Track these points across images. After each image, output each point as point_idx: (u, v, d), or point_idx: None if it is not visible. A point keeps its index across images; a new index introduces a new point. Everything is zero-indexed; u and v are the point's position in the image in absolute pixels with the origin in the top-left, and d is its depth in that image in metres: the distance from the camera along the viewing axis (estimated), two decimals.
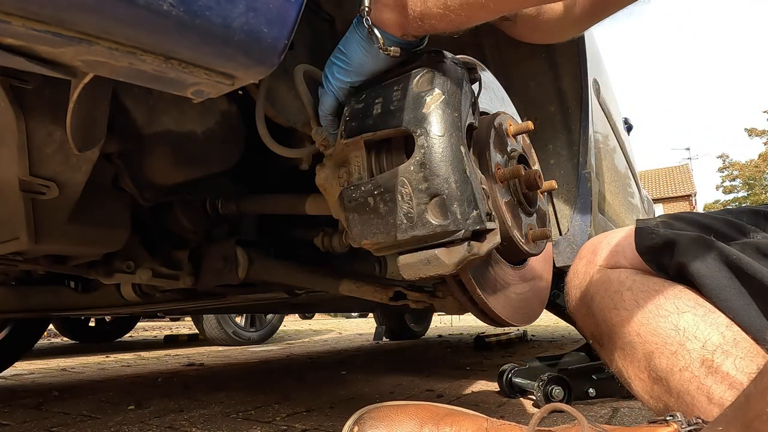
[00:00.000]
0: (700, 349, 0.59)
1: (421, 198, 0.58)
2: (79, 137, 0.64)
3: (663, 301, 0.64)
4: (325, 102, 0.67)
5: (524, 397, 1.50)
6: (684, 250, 0.64)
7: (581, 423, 0.51)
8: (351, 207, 0.63)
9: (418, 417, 0.59)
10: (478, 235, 0.60)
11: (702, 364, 0.58)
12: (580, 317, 0.77)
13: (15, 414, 1.37)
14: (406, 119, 0.59)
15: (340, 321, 10.09)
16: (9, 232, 0.79)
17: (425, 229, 0.58)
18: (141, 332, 6.03)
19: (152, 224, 1.05)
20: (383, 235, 0.61)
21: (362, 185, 0.62)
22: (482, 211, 0.59)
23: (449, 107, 0.59)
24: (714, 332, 0.59)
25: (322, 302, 2.09)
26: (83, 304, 1.32)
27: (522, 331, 3.50)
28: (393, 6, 0.58)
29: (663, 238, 0.66)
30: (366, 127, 0.62)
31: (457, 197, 0.57)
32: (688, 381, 0.58)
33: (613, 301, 0.69)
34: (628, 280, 0.69)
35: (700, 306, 0.62)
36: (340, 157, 0.66)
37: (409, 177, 0.58)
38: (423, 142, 0.58)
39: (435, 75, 0.60)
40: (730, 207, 0.82)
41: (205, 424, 1.22)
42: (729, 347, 0.58)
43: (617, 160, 1.83)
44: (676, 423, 0.51)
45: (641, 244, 0.69)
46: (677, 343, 0.60)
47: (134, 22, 0.36)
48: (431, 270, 0.61)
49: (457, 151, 0.58)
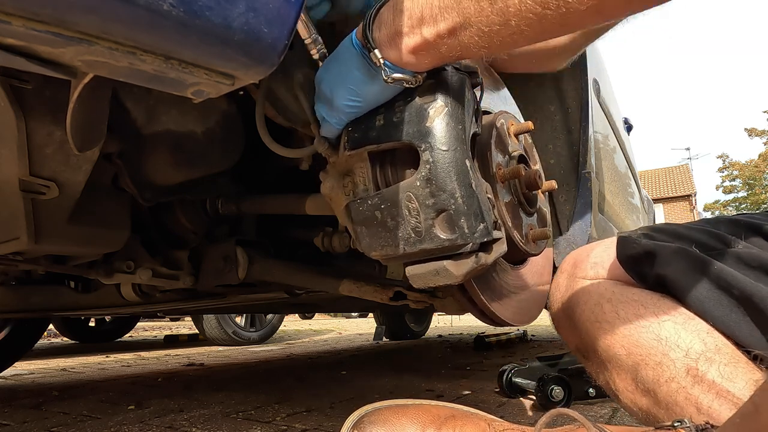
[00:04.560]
0: (684, 357, 0.59)
1: (429, 213, 0.58)
2: (79, 137, 0.64)
3: (643, 311, 0.64)
4: (329, 131, 0.65)
5: (524, 397, 1.50)
6: (665, 261, 0.64)
7: (586, 427, 0.51)
8: (358, 220, 0.64)
9: (419, 420, 0.59)
10: (485, 246, 0.61)
11: (687, 373, 0.58)
12: (563, 331, 0.78)
13: (15, 414, 1.37)
14: (409, 132, 0.59)
15: (340, 321, 10.08)
16: (9, 232, 0.79)
17: (433, 243, 0.59)
18: (141, 332, 6.03)
19: (152, 224, 1.05)
20: (392, 248, 0.62)
21: (369, 199, 0.62)
22: (489, 223, 0.59)
23: (453, 119, 0.58)
24: (695, 339, 0.59)
25: (322, 302, 2.08)
26: (83, 304, 1.32)
27: (522, 331, 3.50)
28: (418, 49, 0.54)
29: (644, 248, 0.66)
30: (369, 139, 0.61)
31: (464, 212, 0.57)
32: (675, 392, 0.58)
33: (594, 314, 0.69)
34: (608, 291, 0.69)
35: (680, 314, 0.62)
36: (344, 167, 0.66)
37: (415, 192, 0.58)
38: (428, 157, 0.57)
39: (437, 84, 0.60)
40: (731, 207, 0.82)
41: (205, 424, 1.22)
42: (712, 354, 0.58)
43: (617, 160, 1.83)
44: (684, 429, 0.50)
45: (622, 253, 0.69)
46: (660, 353, 0.60)
47: (134, 22, 0.36)
48: (440, 280, 0.61)
49: (463, 164, 0.58)
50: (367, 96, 0.59)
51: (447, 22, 0.50)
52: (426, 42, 0.52)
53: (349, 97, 0.59)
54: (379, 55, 0.55)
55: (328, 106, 0.62)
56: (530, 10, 0.45)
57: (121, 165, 0.83)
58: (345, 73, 0.59)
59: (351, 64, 0.58)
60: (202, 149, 0.85)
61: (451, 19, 0.50)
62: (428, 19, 0.51)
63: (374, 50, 0.55)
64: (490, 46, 0.50)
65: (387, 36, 0.54)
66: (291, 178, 0.99)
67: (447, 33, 0.51)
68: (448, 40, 0.51)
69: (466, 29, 0.50)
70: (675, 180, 27.73)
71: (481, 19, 0.48)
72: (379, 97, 0.60)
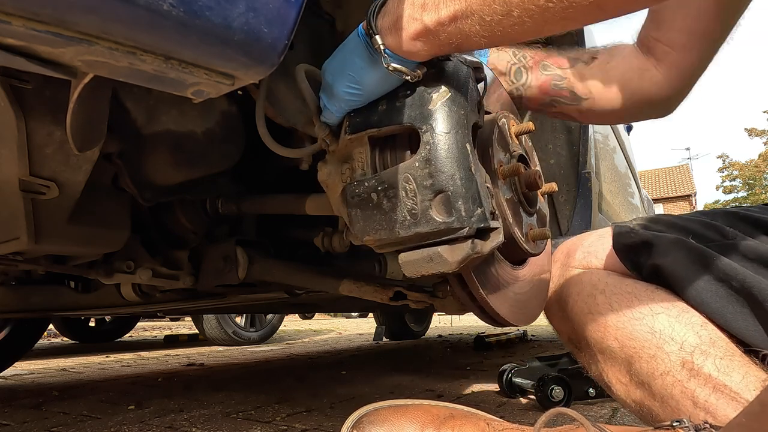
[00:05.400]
0: (678, 351, 0.58)
1: (426, 194, 0.58)
2: (79, 137, 0.63)
3: (636, 303, 0.64)
4: (330, 118, 0.65)
5: (524, 397, 1.50)
6: (662, 252, 0.64)
7: (585, 426, 0.51)
8: (354, 203, 0.63)
9: (418, 420, 0.59)
10: (481, 234, 0.60)
11: (683, 366, 0.58)
12: (556, 321, 0.77)
13: (15, 414, 1.37)
14: (411, 116, 0.59)
15: (340, 321, 10.08)
16: (9, 232, 0.79)
17: (429, 226, 0.58)
18: (141, 332, 6.03)
19: (152, 224, 1.05)
20: (386, 231, 0.61)
21: (366, 181, 0.62)
22: (486, 209, 0.58)
23: (455, 105, 0.59)
24: (690, 332, 0.59)
25: (322, 302, 2.09)
26: (83, 304, 1.32)
27: (522, 331, 3.50)
28: (418, 35, 0.53)
29: (641, 238, 0.66)
30: (370, 123, 0.62)
31: (461, 194, 0.57)
32: (671, 385, 0.58)
33: (587, 305, 0.69)
34: (601, 282, 0.69)
35: (674, 306, 0.62)
36: (344, 153, 0.66)
37: (413, 173, 0.58)
38: (428, 138, 0.57)
39: (441, 73, 0.60)
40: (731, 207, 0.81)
41: (205, 424, 1.22)
42: (707, 347, 0.58)
43: (617, 160, 1.83)
44: (682, 429, 0.50)
45: (619, 242, 0.69)
46: (655, 346, 0.60)
47: (134, 22, 0.36)
48: (434, 267, 0.60)
49: (463, 148, 0.58)
50: (367, 84, 0.59)
51: (449, 9, 0.50)
52: (426, 29, 0.52)
53: (349, 84, 0.59)
54: (380, 41, 0.55)
55: (329, 93, 0.62)
56: (533, 2, 0.45)
57: (121, 165, 0.83)
58: (347, 60, 0.59)
59: (354, 52, 0.58)
60: (202, 149, 0.85)
61: (453, 6, 0.50)
62: (430, 5, 0.51)
63: (375, 36, 0.55)
64: (491, 36, 0.51)
65: (389, 22, 0.55)
66: (291, 178, 0.99)
67: (448, 20, 0.51)
68: (448, 28, 0.51)
69: (467, 17, 0.50)
70: (675, 180, 27.75)
71: (484, 8, 0.48)
72: (379, 88, 0.60)
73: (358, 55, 0.58)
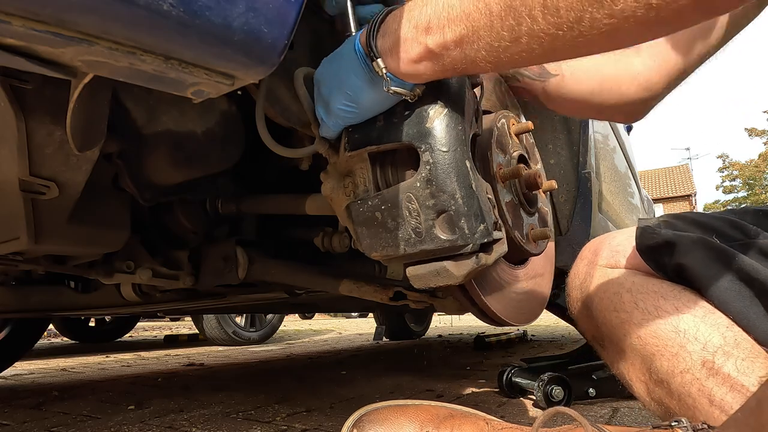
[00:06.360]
0: (701, 350, 0.58)
1: (429, 214, 0.58)
2: (79, 137, 0.64)
3: (662, 303, 0.64)
4: (328, 132, 0.64)
5: (524, 397, 1.50)
6: (684, 251, 0.63)
7: (584, 426, 0.51)
8: (359, 221, 0.64)
9: (418, 419, 0.59)
10: (485, 247, 0.61)
11: (703, 365, 0.57)
12: (581, 319, 0.77)
13: (15, 414, 1.37)
14: (409, 134, 0.59)
15: (340, 321, 10.08)
16: (9, 232, 0.79)
17: (434, 243, 0.59)
18: (141, 332, 6.03)
19: (152, 224, 1.05)
20: (392, 248, 0.62)
21: (369, 200, 0.62)
22: (489, 223, 0.59)
23: (453, 120, 0.58)
24: (714, 333, 0.59)
25: (322, 302, 2.09)
26: (83, 304, 1.32)
27: (522, 331, 3.50)
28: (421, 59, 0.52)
29: (664, 238, 0.66)
30: (369, 140, 0.61)
31: (464, 213, 0.57)
32: (689, 383, 0.58)
33: (612, 303, 0.69)
34: (627, 281, 0.69)
35: (700, 307, 0.62)
36: (345, 167, 0.66)
37: (415, 193, 0.59)
38: (428, 158, 0.58)
39: (436, 86, 0.59)
40: (731, 207, 0.82)
41: (205, 424, 1.22)
42: (730, 348, 0.57)
43: (617, 160, 1.83)
44: (681, 429, 0.50)
45: (642, 244, 0.68)
46: (678, 345, 0.60)
47: (134, 22, 0.36)
48: (441, 281, 0.62)
49: (463, 165, 0.58)
50: (364, 104, 0.58)
51: (454, 32, 0.49)
52: (429, 52, 0.51)
53: (345, 102, 0.58)
54: (382, 65, 0.54)
55: (325, 108, 0.61)
56: (543, 30, 0.44)
57: (121, 165, 0.83)
58: (343, 77, 0.58)
59: (350, 70, 0.57)
60: (202, 149, 0.85)
61: (459, 30, 0.48)
62: (435, 28, 0.50)
63: (377, 59, 0.54)
64: (497, 62, 0.49)
65: (390, 44, 0.53)
66: (291, 178, 0.99)
67: (453, 44, 0.50)
68: (452, 52, 0.50)
69: (473, 42, 0.48)
70: (675, 180, 27.75)
71: (491, 33, 0.47)
72: (376, 107, 0.59)
73: (356, 74, 0.56)
